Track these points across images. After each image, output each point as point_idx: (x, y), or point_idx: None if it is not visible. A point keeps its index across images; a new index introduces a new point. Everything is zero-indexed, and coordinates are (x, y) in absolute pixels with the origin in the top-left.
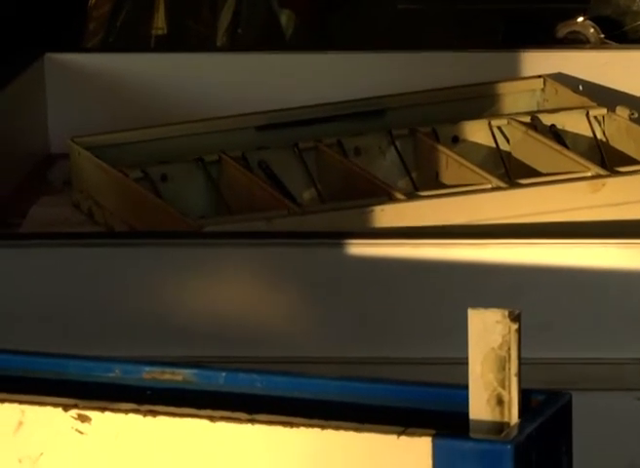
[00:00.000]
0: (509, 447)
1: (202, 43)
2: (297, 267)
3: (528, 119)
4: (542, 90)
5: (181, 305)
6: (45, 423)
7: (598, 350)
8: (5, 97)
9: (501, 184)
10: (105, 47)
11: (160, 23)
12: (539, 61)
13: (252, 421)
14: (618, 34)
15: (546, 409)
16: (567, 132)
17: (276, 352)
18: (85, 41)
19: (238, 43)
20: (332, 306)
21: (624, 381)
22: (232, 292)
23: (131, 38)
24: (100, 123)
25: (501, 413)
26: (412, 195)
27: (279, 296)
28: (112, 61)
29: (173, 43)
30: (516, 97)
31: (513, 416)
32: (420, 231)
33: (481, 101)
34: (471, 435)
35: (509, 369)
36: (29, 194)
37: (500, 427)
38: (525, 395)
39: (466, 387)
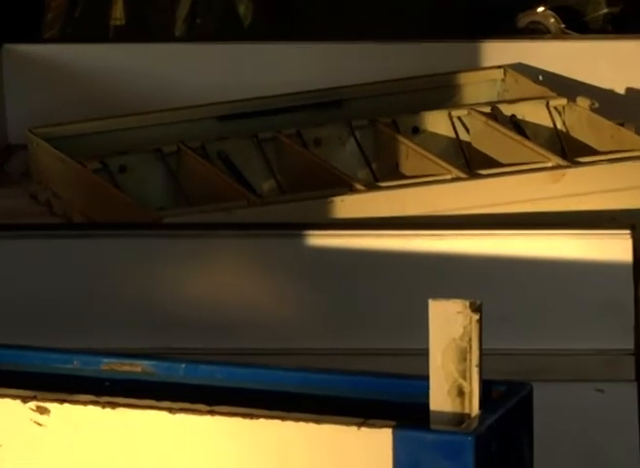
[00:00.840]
0: (470, 438)
1: (160, 33)
2: (256, 258)
3: (488, 109)
4: (503, 80)
5: (140, 296)
6: (3, 415)
7: (559, 341)
8: None
9: (462, 175)
10: (63, 37)
11: (118, 14)
12: (499, 52)
13: (212, 413)
14: (578, 24)
15: (507, 401)
16: (527, 122)
17: (240, 343)
18: (43, 32)
19: (197, 33)
20: (291, 298)
21: (585, 372)
22: (191, 282)
23: (89, 28)
24: (58, 114)
25: (462, 405)
26: (372, 186)
27: (239, 288)
28: (70, 52)
29: (131, 33)
30: (476, 88)
31: (474, 407)
32: (381, 222)
33: (441, 92)
34: (432, 426)
35: (470, 359)
36: None
37: (460, 418)
38: (486, 386)
39: (427, 378)
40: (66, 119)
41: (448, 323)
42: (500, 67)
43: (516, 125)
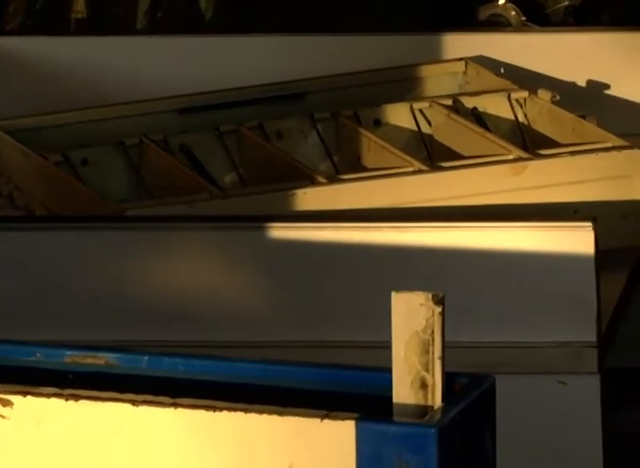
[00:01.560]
0: (433, 430)
1: (122, 26)
2: (218, 251)
3: (450, 102)
4: (464, 72)
5: (102, 289)
6: None
7: (522, 333)
8: None
9: (423, 167)
10: (24, 30)
11: (80, 7)
12: (460, 44)
13: (175, 405)
14: (539, 16)
15: (470, 393)
16: (489, 114)
17: (202, 336)
18: (4, 24)
19: (158, 26)
20: (254, 290)
21: (547, 365)
22: (153, 275)
23: (50, 21)
24: (19, 106)
25: (425, 397)
26: (334, 178)
27: (201, 281)
28: (32, 44)
29: (92, 26)
30: (438, 80)
31: (437, 400)
32: (342, 215)
33: (403, 84)
34: (395, 418)
35: (433, 352)
36: None
37: (423, 410)
38: (449, 378)
39: (390, 370)
40: (28, 112)
41: (410, 315)
42: (461, 60)
43: (478, 117)
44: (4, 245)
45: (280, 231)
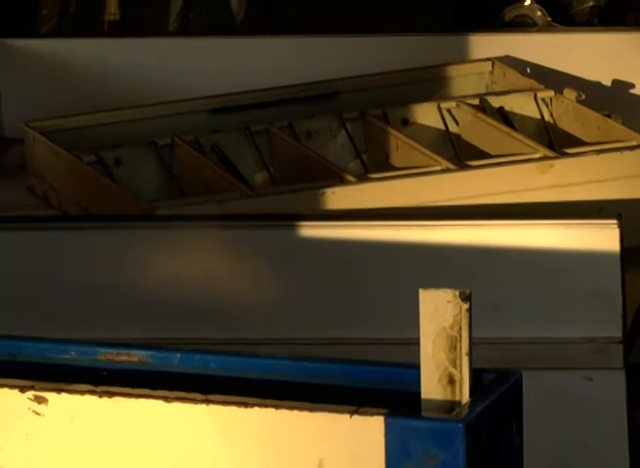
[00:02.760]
0: (460, 425)
1: (154, 28)
2: (249, 249)
3: (477, 101)
4: (491, 72)
5: (135, 287)
6: (2, 405)
7: (548, 329)
8: None
9: (451, 166)
10: (58, 32)
11: (112, 9)
12: (487, 45)
13: (206, 402)
14: (565, 17)
15: (497, 388)
16: (515, 114)
17: (234, 333)
18: (38, 27)
19: (190, 28)
20: (285, 288)
21: (574, 360)
22: (185, 273)
23: (84, 24)
24: (54, 107)
25: (453, 392)
26: (362, 177)
27: (232, 279)
28: (65, 47)
29: (125, 28)
30: (465, 80)
31: (464, 395)
32: (371, 213)
33: (430, 84)
34: (423, 414)
35: (460, 348)
36: None
37: (451, 406)
38: (476, 374)
39: (418, 367)
40: (62, 113)
41: (438, 312)
42: (488, 60)
43: (504, 117)
44: (39, 244)
45: (310, 230)
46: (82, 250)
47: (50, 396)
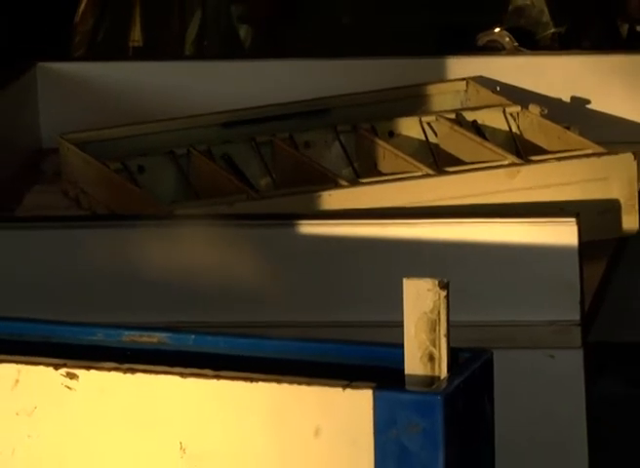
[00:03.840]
0: (439, 397)
1: (173, 53)
2: (255, 244)
3: (453, 116)
4: (465, 91)
5: (156, 278)
6: (38, 380)
7: (516, 314)
8: (3, 100)
9: (430, 172)
10: (89, 57)
11: (136, 36)
12: (462, 66)
13: (217, 377)
14: (530, 42)
15: (471, 365)
16: (486, 126)
17: (241, 317)
18: (72, 52)
19: (204, 53)
20: (286, 278)
21: (538, 340)
22: (200, 265)
23: (111, 49)
24: (85, 121)
25: (432, 369)
26: (354, 182)
27: (241, 270)
28: (95, 69)
29: (147, 53)
30: (443, 97)
31: (443, 371)
32: (361, 213)
33: (413, 101)
34: (407, 387)
35: (439, 330)
36: (24, 183)
37: (431, 380)
38: (453, 353)
39: (402, 346)
40: (92, 126)
41: (419, 299)
42: (463, 80)
43: (477, 129)
44: (72, 240)
45: (308, 227)
46: (109, 245)
47: (80, 372)
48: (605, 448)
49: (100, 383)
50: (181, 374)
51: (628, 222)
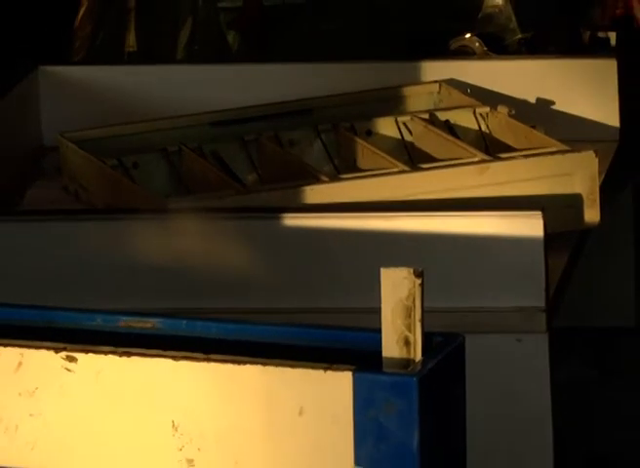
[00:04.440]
0: (414, 379)
1: (165, 57)
2: (243, 235)
3: (427, 116)
4: (438, 92)
5: (150, 268)
6: (40, 363)
7: (486, 300)
8: (6, 101)
9: (406, 168)
10: (88, 61)
11: (131, 42)
12: (435, 70)
13: (207, 360)
14: (498, 47)
15: (444, 349)
16: (458, 126)
17: (229, 303)
18: (72, 56)
19: (194, 57)
20: (271, 267)
21: (507, 325)
22: (192, 256)
23: (108, 54)
24: (83, 121)
25: (408, 352)
26: (335, 178)
27: (229, 260)
28: (93, 72)
29: (141, 57)
30: (417, 99)
31: (418, 354)
32: (342, 206)
33: (390, 102)
34: (384, 370)
35: (414, 316)
36: (27, 179)
37: (407, 363)
38: (427, 337)
39: (380, 331)
40: (90, 125)
41: (396, 286)
42: (436, 82)
43: (449, 128)
44: (71, 232)
45: (292, 220)
46: (107, 237)
47: (79, 356)
48: (574, 428)
49: (97, 366)
50: (174, 357)
51: (590, 215)
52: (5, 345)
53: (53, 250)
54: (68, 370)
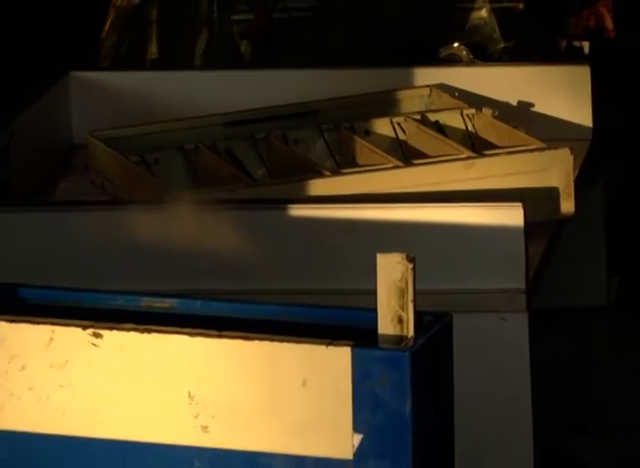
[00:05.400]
0: (407, 354)
1: (183, 64)
2: (252, 224)
3: (419, 117)
4: (429, 96)
5: (169, 253)
6: (69, 339)
7: (472, 283)
8: (41, 104)
9: (400, 164)
10: (113, 67)
11: (153, 50)
12: (426, 75)
13: (220, 336)
14: (483, 55)
15: (434, 326)
16: (447, 126)
17: (239, 286)
18: (99, 62)
19: (210, 64)
20: (278, 252)
21: (491, 305)
22: (206, 242)
23: (132, 61)
24: (109, 121)
25: (401, 329)
26: (336, 172)
27: (240, 246)
28: (118, 77)
29: (162, 64)
30: (410, 102)
31: (410, 332)
32: (342, 198)
33: (385, 104)
34: (380, 345)
35: (407, 297)
36: (59, 174)
37: (400, 339)
38: (419, 316)
39: (375, 310)
40: (115, 125)
41: (390, 270)
42: (427, 86)
43: (439, 128)
44: (98, 220)
45: (297, 210)
46: (131, 226)
47: (104, 332)
48: (552, 397)
49: (120, 341)
50: (190, 334)
51: (566, 207)
52: (38, 323)
53: (82, 237)
54: (95, 345)
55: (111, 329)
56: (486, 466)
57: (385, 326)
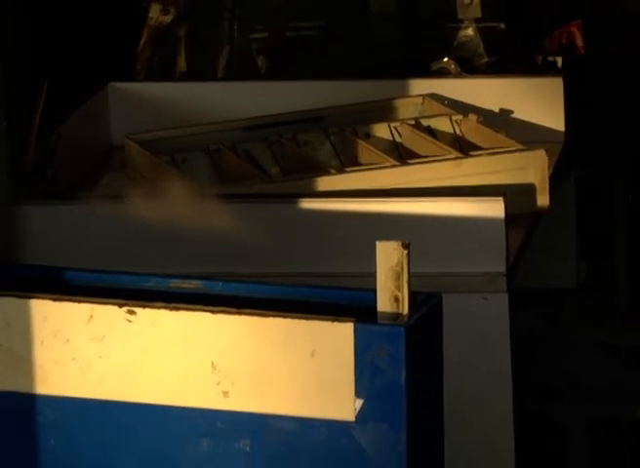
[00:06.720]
0: (402, 329)
1: (208, 76)
2: (268, 217)
3: (413, 122)
4: (422, 104)
5: (194, 242)
6: (106, 316)
7: (459, 267)
8: (83, 111)
9: (397, 163)
10: (148, 78)
11: (182, 64)
12: (419, 86)
13: (239, 313)
14: (470, 68)
15: (426, 305)
16: (438, 130)
17: (257, 269)
18: (135, 75)
19: (231, 76)
20: (290, 240)
21: (475, 287)
22: (228, 232)
23: (163, 73)
24: (144, 126)
25: (397, 307)
26: (340, 171)
27: (258, 235)
28: (152, 88)
29: (190, 76)
30: (406, 109)
31: (405, 309)
32: (346, 193)
33: (383, 111)
34: (379, 321)
35: (403, 279)
36: (99, 172)
37: (396, 316)
38: (413, 296)
39: (375, 291)
40: (149, 130)
41: (388, 256)
42: (420, 96)
43: (431, 132)
44: (132, 213)
45: (306, 204)
46: (159, 217)
47: (138, 310)
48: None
49: (152, 318)
50: (212, 311)
51: (541, 201)
52: (79, 301)
53: (119, 228)
54: (129, 321)
55: (144, 307)
56: (471, 428)
57: (384, 304)
